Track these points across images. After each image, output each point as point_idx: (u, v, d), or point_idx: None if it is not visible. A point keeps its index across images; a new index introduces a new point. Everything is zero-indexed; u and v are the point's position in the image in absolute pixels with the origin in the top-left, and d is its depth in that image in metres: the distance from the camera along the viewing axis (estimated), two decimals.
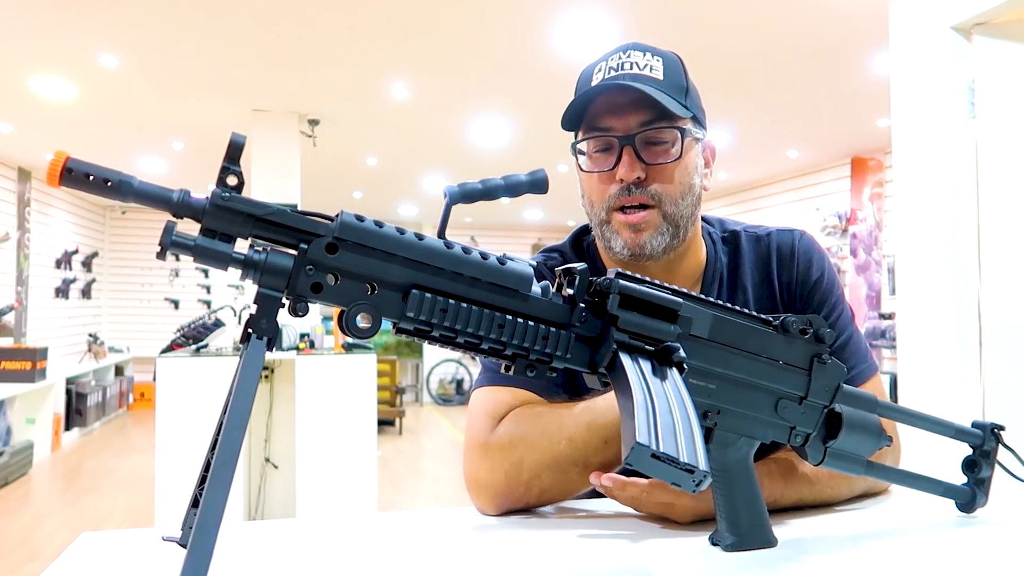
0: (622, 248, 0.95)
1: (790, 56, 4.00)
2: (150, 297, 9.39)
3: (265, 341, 0.53)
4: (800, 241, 1.04)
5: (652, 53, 0.95)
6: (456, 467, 6.12)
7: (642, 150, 0.92)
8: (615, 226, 0.95)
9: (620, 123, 0.92)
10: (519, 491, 0.87)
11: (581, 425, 0.85)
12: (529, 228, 10.94)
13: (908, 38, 2.57)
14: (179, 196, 0.51)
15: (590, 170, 0.96)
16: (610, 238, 0.96)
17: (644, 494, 0.81)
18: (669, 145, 0.93)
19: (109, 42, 3.89)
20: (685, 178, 0.95)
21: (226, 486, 0.48)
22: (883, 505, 0.93)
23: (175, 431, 3.73)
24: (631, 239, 0.94)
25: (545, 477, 0.86)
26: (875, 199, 6.20)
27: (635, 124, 0.92)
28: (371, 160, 6.70)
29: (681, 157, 0.93)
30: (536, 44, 3.89)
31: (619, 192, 0.93)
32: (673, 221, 0.94)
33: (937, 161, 2.44)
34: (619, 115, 0.92)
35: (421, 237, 0.57)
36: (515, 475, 0.86)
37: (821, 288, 1.01)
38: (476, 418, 0.92)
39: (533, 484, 0.86)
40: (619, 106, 0.92)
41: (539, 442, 0.86)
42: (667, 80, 0.92)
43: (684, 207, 0.95)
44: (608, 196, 0.94)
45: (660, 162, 0.93)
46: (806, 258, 1.02)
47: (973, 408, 2.35)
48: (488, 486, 0.88)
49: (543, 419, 0.87)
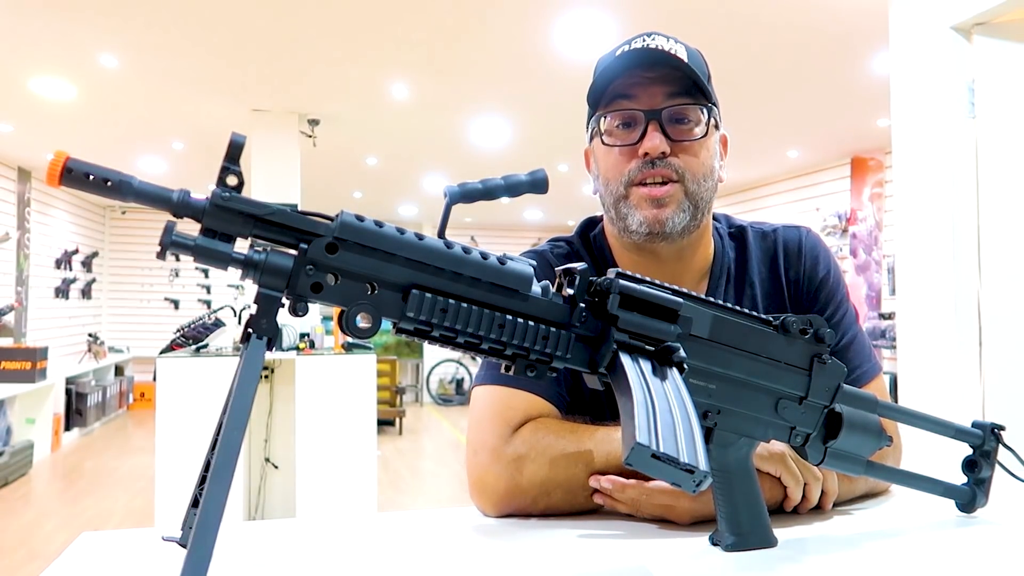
0: (639, 225, 0.92)
1: (790, 56, 4.00)
2: (150, 297, 9.39)
3: (265, 341, 0.52)
4: (807, 238, 1.04)
5: (675, 41, 0.93)
6: (456, 467, 6.11)
7: (668, 126, 0.91)
8: (634, 200, 0.92)
9: (646, 96, 0.91)
10: (525, 502, 0.87)
11: (601, 455, 0.84)
12: (529, 228, 10.94)
13: (908, 38, 2.57)
14: (179, 196, 0.51)
15: (611, 144, 0.94)
16: (627, 215, 0.93)
17: (644, 496, 0.81)
18: (694, 124, 0.92)
19: (109, 42, 3.89)
20: (708, 159, 0.94)
21: (226, 486, 0.48)
22: (883, 505, 0.93)
23: (175, 431, 3.73)
24: (651, 215, 0.91)
25: (555, 495, 0.86)
26: (875, 199, 6.20)
27: (661, 99, 0.90)
28: (371, 160, 6.70)
29: (707, 136, 0.92)
30: (536, 44, 3.89)
31: (641, 166, 0.91)
32: (694, 200, 0.92)
33: (937, 161, 2.44)
34: (646, 88, 0.91)
35: (421, 237, 0.57)
36: (525, 487, 0.86)
37: (827, 286, 1.01)
38: (486, 420, 0.91)
39: (540, 499, 0.86)
40: (646, 80, 0.91)
41: (557, 462, 0.85)
42: (692, 64, 0.91)
43: (705, 189, 0.93)
44: (628, 170, 0.92)
45: (686, 139, 0.91)
46: (813, 254, 1.02)
47: (973, 408, 2.35)
48: (495, 492, 0.87)
49: (564, 439, 0.87)
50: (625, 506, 0.84)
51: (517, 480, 0.86)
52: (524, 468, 0.86)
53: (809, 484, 0.84)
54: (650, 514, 0.83)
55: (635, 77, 0.91)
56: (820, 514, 0.87)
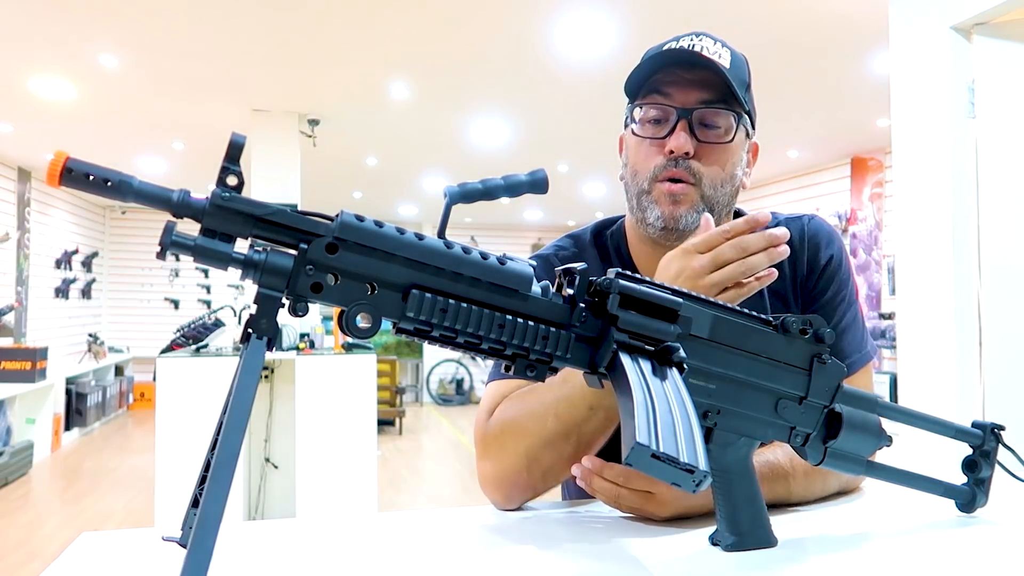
0: (656, 219, 0.94)
1: (790, 56, 4.00)
2: (150, 297, 9.40)
3: (265, 341, 0.52)
4: (808, 227, 1.04)
5: (722, 44, 0.96)
6: (456, 467, 6.13)
7: (697, 128, 0.93)
8: (655, 196, 0.95)
9: (681, 95, 0.93)
10: (523, 477, 0.87)
11: (563, 398, 0.85)
12: (529, 228, 10.94)
13: (908, 38, 2.57)
14: (179, 196, 0.51)
15: (641, 135, 0.96)
16: (647, 208, 0.96)
17: (621, 478, 0.82)
18: (723, 131, 0.94)
19: (109, 42, 3.89)
20: (730, 166, 0.96)
21: (226, 486, 0.48)
22: (883, 505, 0.94)
23: (175, 431, 3.73)
24: (668, 211, 0.94)
25: (543, 458, 0.86)
26: (875, 199, 6.20)
27: (695, 100, 0.93)
28: (371, 160, 6.71)
29: (732, 142, 0.94)
30: (536, 44, 3.89)
31: (666, 164, 0.93)
32: (709, 203, 0.94)
33: (937, 161, 2.44)
34: (682, 88, 0.93)
35: (421, 237, 0.57)
36: (514, 463, 0.87)
37: (827, 272, 1.02)
38: (482, 413, 0.94)
39: (534, 468, 0.87)
40: (684, 80, 0.93)
41: (528, 425, 0.87)
42: (733, 71, 0.93)
43: (722, 194, 0.95)
44: (654, 167, 0.94)
45: (711, 141, 0.93)
46: (814, 243, 1.02)
47: (973, 408, 2.35)
48: (493, 479, 0.89)
49: (527, 401, 0.88)
50: (604, 496, 0.84)
51: (505, 459, 0.87)
52: (505, 444, 0.88)
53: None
54: (630, 505, 0.83)
55: (674, 75, 0.93)
56: (820, 514, 0.87)
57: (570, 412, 0.84)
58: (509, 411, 0.90)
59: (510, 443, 0.88)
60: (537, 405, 0.87)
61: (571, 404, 0.84)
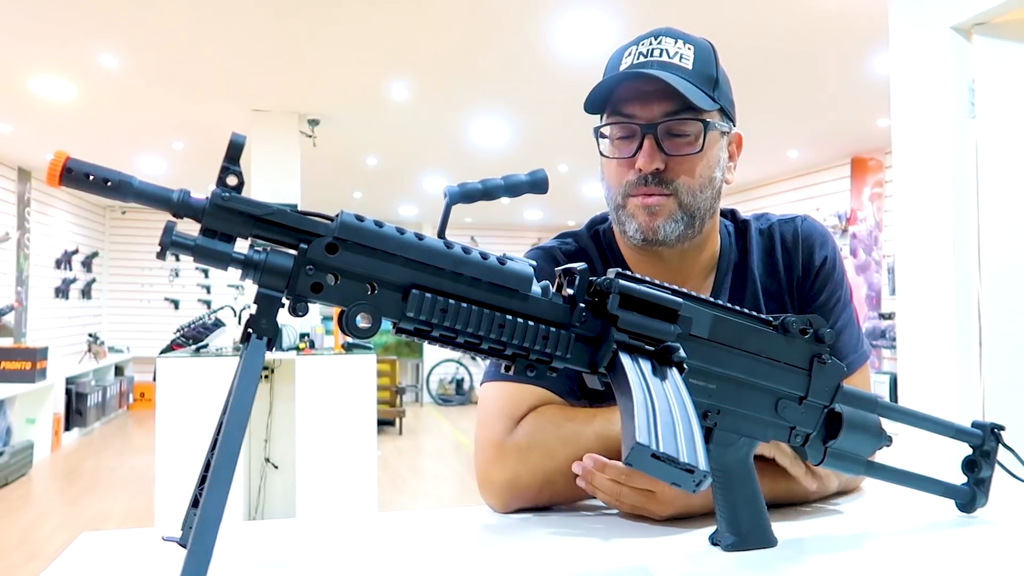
0: (635, 232, 0.93)
1: (790, 56, 4.00)
2: (150, 297, 9.39)
3: (265, 341, 0.53)
4: (801, 228, 1.03)
5: (684, 40, 0.93)
6: (456, 467, 6.12)
7: (664, 141, 0.90)
8: (630, 210, 0.93)
9: (644, 111, 0.91)
10: (531, 493, 0.88)
11: (600, 440, 0.85)
12: (529, 228, 10.94)
13: (908, 38, 2.57)
14: (179, 196, 0.51)
15: (611, 155, 0.95)
16: (625, 222, 0.95)
17: (623, 476, 0.82)
18: (692, 138, 0.91)
19: (109, 42, 3.89)
20: (706, 172, 0.93)
21: (226, 486, 0.48)
22: (883, 505, 0.94)
23: (175, 431, 3.73)
24: (645, 222, 0.92)
25: (559, 484, 0.87)
26: (875, 199, 6.20)
27: (659, 114, 0.90)
28: (371, 160, 6.70)
29: (703, 150, 0.92)
30: (536, 44, 3.89)
31: (637, 180, 0.92)
32: (689, 211, 0.93)
33: (937, 161, 2.44)
34: (643, 103, 0.90)
35: (421, 237, 0.57)
36: (529, 479, 0.87)
37: (821, 275, 1.01)
38: (490, 416, 0.92)
39: (545, 489, 0.87)
40: (644, 94, 0.90)
41: (558, 451, 0.86)
42: (696, 69, 0.91)
43: (702, 199, 0.93)
44: (626, 182, 0.93)
45: (681, 153, 0.91)
46: (808, 244, 1.02)
47: (973, 408, 2.35)
48: (500, 486, 0.88)
49: (563, 429, 0.88)
50: (605, 494, 0.84)
51: (520, 473, 0.87)
52: (528, 459, 0.87)
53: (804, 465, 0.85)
54: (631, 503, 0.83)
55: (634, 90, 0.91)
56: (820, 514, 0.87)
57: (603, 451, 0.84)
58: (541, 431, 0.88)
59: (533, 462, 0.87)
60: (572, 435, 0.86)
61: (606, 448, 0.84)
